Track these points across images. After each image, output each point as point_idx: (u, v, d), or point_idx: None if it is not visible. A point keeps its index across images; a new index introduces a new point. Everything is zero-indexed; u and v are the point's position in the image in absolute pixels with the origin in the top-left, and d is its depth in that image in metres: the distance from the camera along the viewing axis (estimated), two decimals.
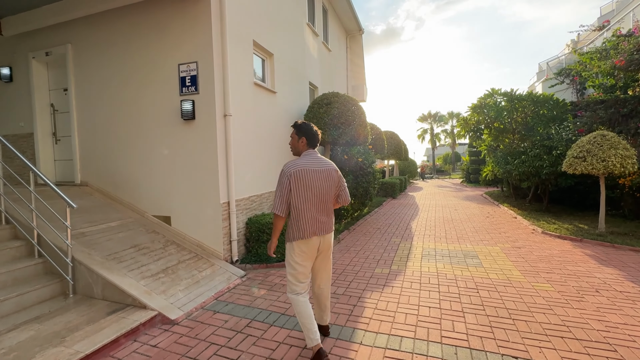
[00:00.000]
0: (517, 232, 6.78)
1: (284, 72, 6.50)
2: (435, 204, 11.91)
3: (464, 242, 5.99)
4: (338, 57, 10.96)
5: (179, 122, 4.51)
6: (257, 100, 5.39)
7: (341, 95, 6.84)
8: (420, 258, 5.08)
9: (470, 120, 10.93)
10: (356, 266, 4.75)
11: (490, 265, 4.61)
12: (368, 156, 8.34)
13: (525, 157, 8.37)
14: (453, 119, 40.33)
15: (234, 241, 4.56)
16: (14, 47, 5.71)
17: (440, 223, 8.02)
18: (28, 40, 5.58)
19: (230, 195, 4.50)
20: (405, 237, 6.53)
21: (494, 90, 10.31)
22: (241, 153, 4.86)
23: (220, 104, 4.39)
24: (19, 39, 5.62)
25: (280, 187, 2.39)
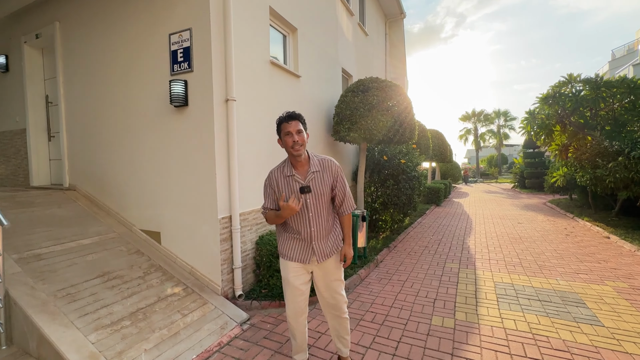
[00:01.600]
0: (624, 261, 4.95)
1: (310, 53, 5.30)
2: (490, 214, 10.04)
3: (551, 275, 4.34)
4: (376, 43, 9.57)
5: (170, 110, 3.46)
6: (274, 84, 4.22)
7: (381, 81, 5.48)
8: (495, 300, 3.58)
9: (539, 114, 8.96)
10: (403, 309, 3.38)
11: (614, 323, 3.01)
12: (412, 157, 6.88)
13: (624, 159, 6.39)
14: (500, 117, 36.81)
15: (237, 269, 3.40)
16: (9, 32, 5.09)
17: (506, 241, 6.32)
18: (20, 23, 4.90)
19: (233, 208, 3.36)
20: (464, 262, 5.00)
21: (571, 76, 8.30)
22: (250, 150, 3.71)
23: (220, 85, 3.27)
24: (13, 21, 4.97)
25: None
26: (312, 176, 2.03)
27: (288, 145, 1.98)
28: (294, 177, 2.03)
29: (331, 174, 2.08)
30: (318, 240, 2.07)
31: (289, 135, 1.97)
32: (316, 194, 2.02)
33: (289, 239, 2.13)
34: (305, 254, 2.10)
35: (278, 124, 2.03)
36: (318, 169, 2.05)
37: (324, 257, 2.10)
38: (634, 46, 22.57)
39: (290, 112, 2.02)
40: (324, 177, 2.05)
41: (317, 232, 2.07)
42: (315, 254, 2.08)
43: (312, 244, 2.07)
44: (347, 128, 5.29)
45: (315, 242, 2.07)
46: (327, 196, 2.07)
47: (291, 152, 1.99)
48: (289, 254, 2.13)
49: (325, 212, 2.08)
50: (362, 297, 3.72)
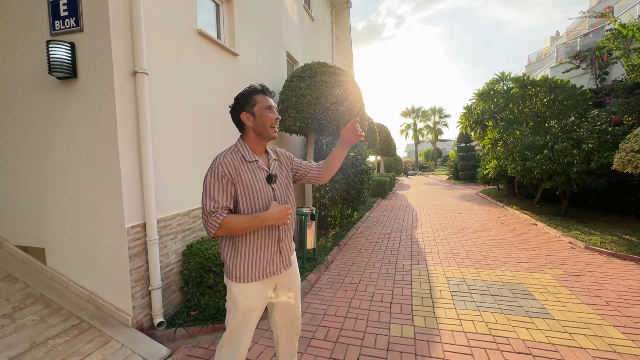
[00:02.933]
0: (553, 247, 5.30)
1: (250, 29, 4.61)
2: (432, 206, 10.42)
3: (497, 266, 4.40)
4: (322, 30, 9.13)
5: (51, 83, 2.55)
6: (205, 60, 3.49)
7: (330, 66, 5.05)
8: (450, 299, 3.41)
9: (475, 110, 9.47)
10: (359, 319, 3.01)
11: (562, 314, 3.01)
12: (361, 150, 6.63)
13: (549, 151, 6.94)
14: (435, 114, 39.56)
15: (156, 290, 2.68)
16: None
17: (451, 233, 6.45)
18: None
19: (148, 213, 2.61)
20: (415, 258, 4.87)
21: (503, 74, 8.89)
22: (173, 138, 2.97)
23: (125, 52, 2.48)
24: None
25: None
26: (276, 164, 1.71)
27: (268, 122, 1.58)
28: (257, 162, 1.60)
29: (288, 160, 1.80)
30: (285, 242, 1.69)
31: (270, 110, 1.59)
32: (282, 185, 1.68)
33: (249, 253, 1.56)
34: (274, 262, 1.63)
35: (251, 94, 1.59)
36: (276, 157, 1.75)
37: (290, 262, 1.73)
38: (542, 54, 25.90)
39: (265, 85, 1.66)
40: (284, 167, 1.76)
41: (284, 230, 1.67)
42: (282, 255, 1.66)
43: (280, 245, 1.65)
44: (293, 117, 4.75)
45: (283, 242, 1.67)
46: (291, 189, 1.75)
47: (268, 132, 1.59)
48: (257, 272, 1.58)
49: (291, 204, 1.73)
50: (313, 308, 3.27)
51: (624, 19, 7.80)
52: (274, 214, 1.49)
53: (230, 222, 1.43)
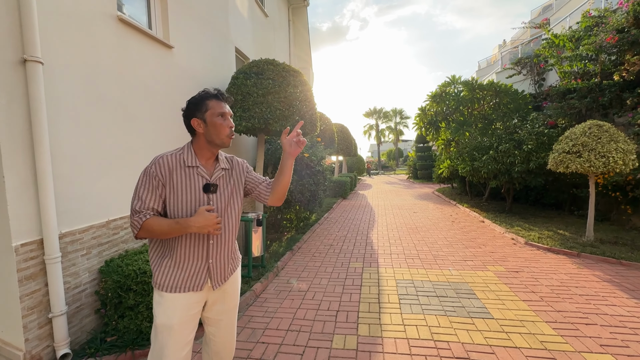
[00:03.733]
0: (497, 243, 5.54)
1: (190, 21, 4.26)
2: (390, 205, 10.60)
3: (445, 265, 4.47)
4: (278, 28, 8.86)
5: None
6: (129, 51, 3.10)
7: (278, 64, 4.82)
8: (397, 303, 3.36)
9: (429, 111, 9.77)
10: (302, 332, 2.83)
11: (501, 313, 3.07)
12: (316, 151, 6.49)
13: (494, 152, 7.31)
14: (396, 115, 40.91)
15: (59, 317, 2.28)
16: None
17: (405, 233, 6.53)
18: None
19: (46, 227, 2.21)
20: (368, 260, 4.81)
21: (454, 78, 9.26)
22: (85, 139, 2.58)
23: (8, 35, 2.06)
24: None
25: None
26: (221, 174, 1.55)
27: (223, 131, 1.47)
28: (198, 169, 1.47)
29: (242, 173, 1.64)
30: (217, 257, 1.53)
31: (224, 118, 1.47)
32: (224, 195, 1.53)
33: (174, 260, 1.46)
34: (197, 278, 1.49)
35: (203, 99, 1.47)
36: (227, 166, 1.59)
37: (224, 279, 1.58)
38: (491, 60, 27.77)
39: (221, 90, 1.52)
40: (234, 177, 1.60)
41: (216, 247, 1.52)
42: (210, 272, 1.52)
43: (209, 263, 1.51)
44: (238, 116, 4.46)
45: (214, 260, 1.52)
46: (236, 201, 1.59)
47: (222, 141, 1.48)
48: (174, 283, 1.46)
49: (231, 222, 1.57)
50: (254, 322, 3.04)
51: (557, 29, 8.46)
52: (197, 221, 1.36)
53: (151, 225, 1.37)
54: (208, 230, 1.38)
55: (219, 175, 1.53)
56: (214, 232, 1.39)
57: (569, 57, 6.52)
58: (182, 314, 1.47)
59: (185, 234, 1.44)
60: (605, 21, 5.76)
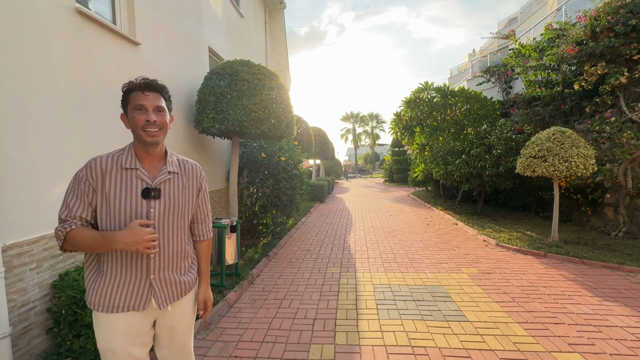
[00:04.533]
0: (470, 245, 5.69)
1: (159, 18, 4.05)
2: (367, 208, 10.67)
3: (421, 268, 4.51)
4: (254, 30, 8.72)
5: None
6: (89, 46, 2.87)
7: (253, 65, 4.70)
8: (375, 308, 3.32)
9: (404, 116, 9.97)
10: (277, 343, 2.71)
11: (476, 315, 3.11)
12: (293, 154, 6.39)
13: (466, 156, 7.56)
14: (373, 120, 41.63)
15: (3, 339, 2.03)
16: None
17: (382, 236, 6.56)
18: None
19: None
20: (345, 265, 4.76)
21: (427, 84, 9.51)
22: (33, 142, 2.33)
23: None
24: None
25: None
26: (166, 178, 1.35)
27: (138, 124, 1.27)
28: (137, 171, 1.30)
29: (196, 181, 1.47)
30: (160, 272, 1.34)
31: (142, 111, 1.27)
32: (169, 204, 1.34)
33: (109, 276, 1.28)
34: (138, 296, 1.31)
35: (125, 92, 1.30)
36: (176, 170, 1.40)
37: (172, 298, 1.39)
38: (462, 68, 29.04)
39: (149, 79, 1.30)
40: (184, 183, 1.41)
41: (159, 261, 1.33)
42: (154, 289, 1.33)
43: (150, 279, 1.32)
44: (211, 118, 4.29)
45: (156, 275, 1.33)
46: (185, 211, 1.42)
47: (141, 136, 1.28)
48: (108, 302, 1.28)
49: (178, 233, 1.39)
50: (226, 334, 2.88)
51: (523, 40, 8.92)
52: (124, 236, 1.17)
53: (74, 237, 1.20)
54: (137, 249, 1.18)
55: (164, 179, 1.33)
56: (144, 251, 1.19)
57: (534, 66, 6.89)
58: (124, 337, 1.30)
59: (107, 256, 1.28)
60: (566, 34, 6.13)
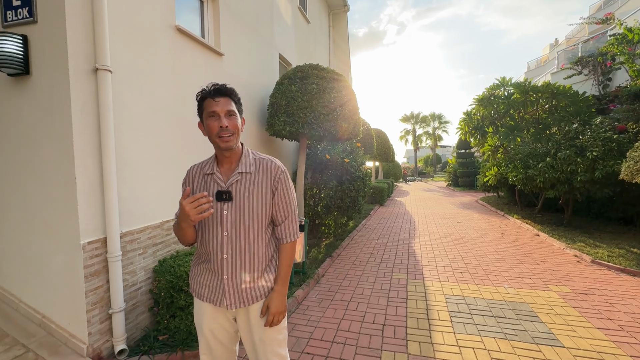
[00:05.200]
0: (558, 260, 5.01)
1: (238, 29, 4.38)
2: (431, 213, 10.13)
3: (499, 282, 4.11)
4: (319, 33, 8.93)
5: (3, 81, 2.29)
6: (185, 59, 3.23)
7: (322, 68, 4.80)
8: (449, 320, 3.11)
9: (475, 116, 9.24)
10: (347, 345, 2.71)
11: (573, 341, 2.71)
12: (357, 156, 6.36)
13: (552, 159, 6.69)
14: (435, 120, 39.46)
15: (118, 313, 2.38)
16: None
17: (450, 244, 6.15)
18: None
19: (110, 226, 2.33)
20: (412, 271, 4.57)
21: (503, 79, 8.68)
22: (143, 143, 2.70)
23: (84, 46, 2.21)
24: None
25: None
26: (237, 179, 1.37)
27: (212, 131, 1.32)
28: (213, 175, 1.39)
29: (270, 179, 1.39)
30: (232, 274, 1.37)
31: (214, 117, 1.32)
32: (240, 205, 1.35)
33: (200, 268, 1.45)
34: (215, 292, 1.40)
35: (199, 101, 1.37)
36: (249, 170, 1.39)
37: (241, 303, 1.38)
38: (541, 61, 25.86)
39: (219, 85, 1.35)
40: (256, 184, 1.38)
41: (231, 263, 1.36)
42: (225, 294, 1.37)
43: (223, 280, 1.37)
44: (282, 121, 4.49)
45: (229, 276, 1.37)
46: (257, 211, 1.38)
47: (217, 143, 1.34)
48: (197, 289, 1.45)
49: (251, 235, 1.38)
50: (298, 330, 2.97)
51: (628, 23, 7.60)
52: (182, 211, 1.23)
53: (175, 225, 1.40)
54: (192, 219, 1.22)
55: (234, 181, 1.36)
56: (198, 217, 1.22)
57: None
58: (209, 322, 1.43)
59: (201, 246, 1.42)
60: None
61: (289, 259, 1.46)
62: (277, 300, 1.41)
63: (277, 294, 1.41)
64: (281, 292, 1.42)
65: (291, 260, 1.47)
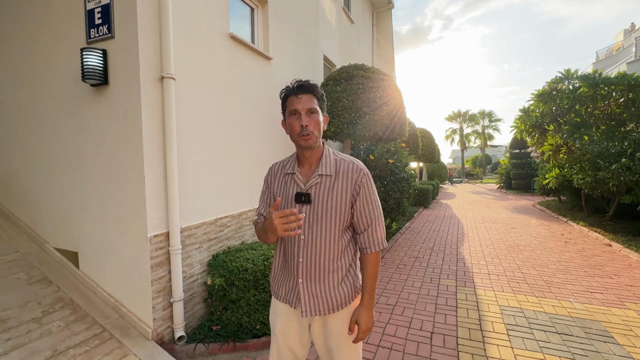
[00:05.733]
0: (636, 275, 4.40)
1: (285, 33, 4.50)
2: (481, 217, 9.51)
3: (563, 295, 3.72)
4: (362, 33, 8.85)
5: (86, 90, 2.60)
6: (237, 64, 3.40)
7: (367, 68, 4.75)
8: (505, 333, 2.89)
9: (533, 112, 8.47)
10: (394, 350, 2.64)
11: None
12: (401, 157, 6.20)
13: (628, 160, 5.91)
14: (485, 118, 36.99)
15: (178, 302, 2.58)
16: None
17: (504, 250, 5.72)
18: None
19: (171, 222, 2.53)
20: (462, 278, 4.33)
21: (568, 72, 7.83)
22: (199, 145, 2.89)
23: (152, 57, 2.43)
24: None
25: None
26: (317, 181, 1.31)
27: (294, 131, 1.28)
28: (294, 175, 1.36)
29: (350, 183, 1.30)
30: (307, 279, 1.33)
31: (296, 115, 1.28)
32: (318, 209, 1.30)
33: (279, 267, 1.45)
34: (291, 294, 1.38)
35: (283, 99, 1.34)
36: (330, 172, 1.32)
37: (317, 311, 1.33)
38: (613, 50, 22.94)
39: (301, 81, 1.30)
40: (336, 188, 1.30)
41: (306, 267, 1.32)
42: (300, 300, 1.33)
43: (298, 283, 1.34)
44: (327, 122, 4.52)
45: (303, 281, 1.33)
46: (335, 217, 1.30)
47: (297, 142, 1.30)
48: (276, 288, 1.45)
49: (327, 241, 1.31)
50: None
51: None
52: (270, 221, 1.18)
53: (257, 227, 1.40)
54: (277, 233, 1.16)
55: (314, 183, 1.31)
56: (286, 234, 1.16)
57: None
58: (282, 324, 1.40)
59: (280, 246, 1.41)
60: None
61: (374, 271, 1.33)
62: (367, 315, 1.32)
63: (365, 309, 1.32)
64: (370, 307, 1.33)
65: (376, 272, 1.34)
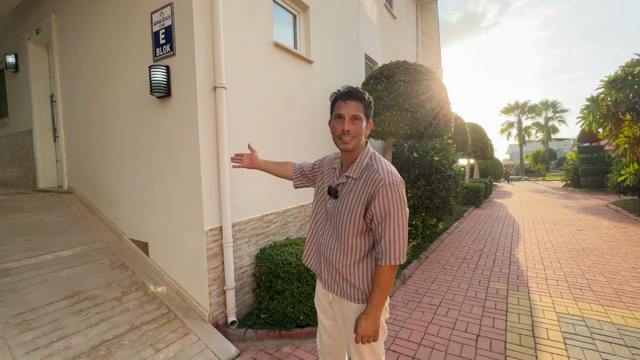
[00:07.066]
0: None
1: (326, 35, 4.62)
2: (540, 218, 8.73)
3: (636, 304, 3.32)
4: (405, 28, 8.64)
5: (153, 102, 2.98)
6: (281, 70, 3.61)
7: (409, 65, 4.67)
8: (562, 342, 2.70)
9: (604, 101, 7.55)
10: (435, 350, 2.62)
11: None
12: (447, 154, 5.97)
13: None
14: (548, 109, 33.45)
15: (230, 290, 2.84)
16: (16, 29, 4.96)
17: (566, 254, 5.23)
18: (24, 18, 4.75)
19: (224, 217, 2.80)
20: (514, 282, 4.08)
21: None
22: (245, 148, 3.13)
23: (206, 69, 2.71)
24: (18, 17, 4.83)
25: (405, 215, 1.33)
26: (343, 181, 1.46)
27: (335, 132, 1.41)
28: (335, 170, 1.56)
29: (367, 189, 1.33)
30: (326, 262, 1.51)
31: (340, 120, 1.39)
32: (339, 207, 1.43)
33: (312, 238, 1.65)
34: (317, 266, 1.61)
35: (332, 101, 1.47)
36: (356, 175, 1.41)
37: (333, 289, 1.49)
38: None
39: (351, 88, 1.40)
40: (355, 191, 1.38)
41: (326, 251, 1.51)
42: (321, 273, 1.55)
43: (321, 262, 1.56)
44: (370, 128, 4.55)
45: (325, 259, 1.52)
46: (347, 215, 1.38)
47: (337, 143, 1.43)
48: (308, 256, 1.67)
49: (341, 238, 1.41)
50: None
51: None
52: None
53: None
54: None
55: (340, 182, 1.45)
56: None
57: None
58: (318, 297, 1.63)
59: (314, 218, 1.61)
60: None
61: (381, 282, 1.31)
62: (365, 322, 1.32)
63: (365, 315, 1.33)
64: (369, 315, 1.32)
65: (384, 286, 1.31)
